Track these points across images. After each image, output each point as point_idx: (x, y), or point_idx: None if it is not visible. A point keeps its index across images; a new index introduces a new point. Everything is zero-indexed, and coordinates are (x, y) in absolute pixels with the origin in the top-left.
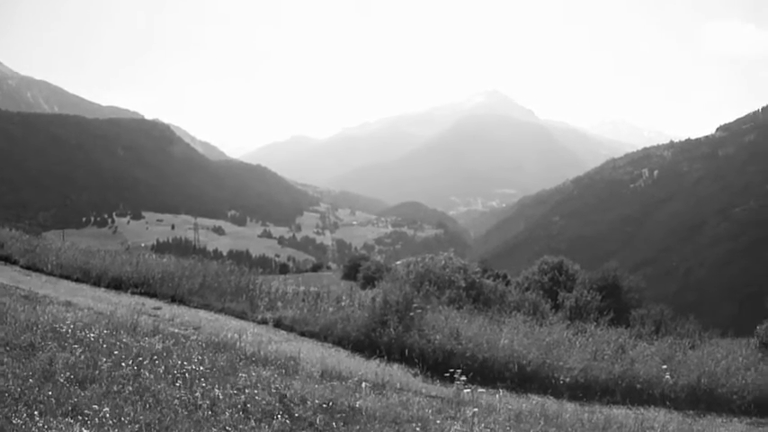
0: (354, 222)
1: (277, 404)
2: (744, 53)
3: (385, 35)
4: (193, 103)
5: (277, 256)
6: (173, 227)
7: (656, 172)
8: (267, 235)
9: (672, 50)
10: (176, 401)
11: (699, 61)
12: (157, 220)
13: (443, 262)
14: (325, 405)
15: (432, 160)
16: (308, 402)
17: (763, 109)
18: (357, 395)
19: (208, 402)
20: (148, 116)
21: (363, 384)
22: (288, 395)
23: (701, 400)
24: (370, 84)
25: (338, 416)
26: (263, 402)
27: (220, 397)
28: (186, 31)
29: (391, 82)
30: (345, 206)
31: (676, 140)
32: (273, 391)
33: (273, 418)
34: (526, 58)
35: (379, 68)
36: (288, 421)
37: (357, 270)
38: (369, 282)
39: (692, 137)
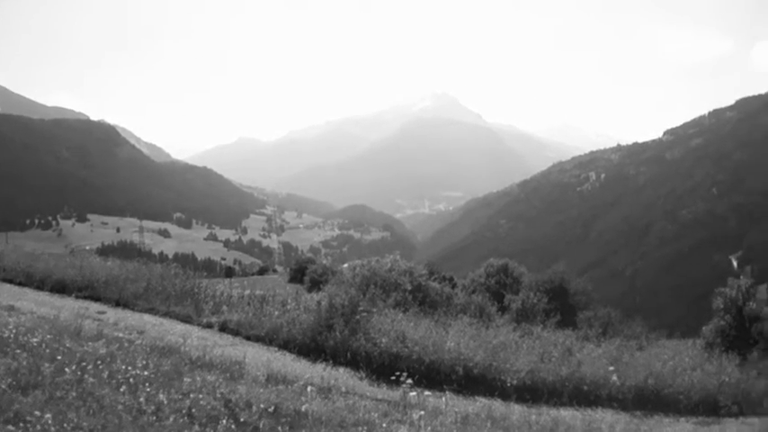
0: (301, 225)
1: (222, 409)
2: (692, 59)
3: (332, 37)
4: (139, 104)
5: (223, 259)
6: (118, 230)
7: (603, 175)
8: (213, 238)
9: (620, 55)
10: (120, 407)
11: (647, 66)
12: (102, 223)
13: (389, 265)
14: (270, 409)
15: (379, 163)
16: (254, 407)
17: (709, 113)
18: (303, 399)
19: (152, 407)
20: (94, 117)
21: (309, 388)
22: (233, 400)
23: (648, 400)
24: (317, 86)
25: (284, 420)
26: (208, 407)
27: (165, 402)
28: (133, 32)
29: (338, 84)
30: (292, 209)
31: (623, 144)
32: (218, 395)
33: (218, 423)
34: (475, 62)
35: (325, 70)
36: (233, 426)
37: (303, 273)
38: (315, 285)
39: (640, 140)
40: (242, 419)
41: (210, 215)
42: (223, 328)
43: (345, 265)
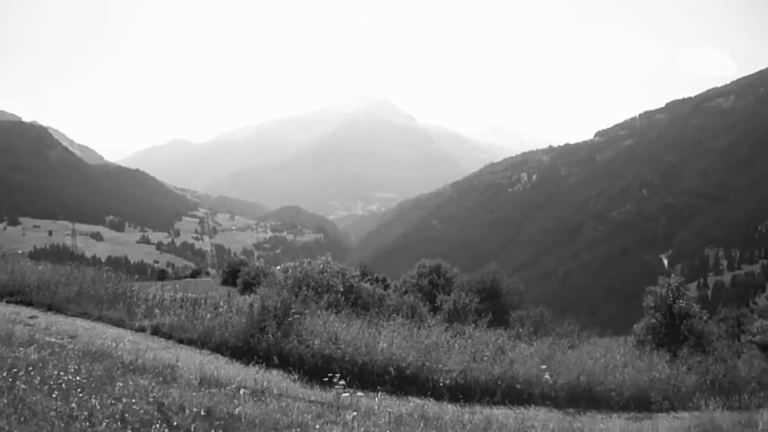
0: (234, 227)
1: (155, 413)
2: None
3: (265, 38)
4: (73, 105)
5: (156, 262)
6: (50, 233)
7: (534, 176)
8: (146, 240)
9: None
10: (53, 413)
11: (579, 69)
12: (34, 226)
13: (321, 266)
14: (203, 413)
15: (312, 165)
16: (187, 410)
17: (640, 115)
18: (236, 402)
19: (85, 413)
20: (26, 119)
21: (242, 391)
22: (166, 403)
23: (580, 397)
24: (251, 86)
25: (217, 423)
26: (141, 411)
27: (97, 407)
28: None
29: (271, 85)
30: (225, 211)
31: (555, 145)
32: (151, 399)
33: (151, 427)
34: (408, 64)
35: (259, 71)
36: (166, 430)
37: (236, 276)
38: (248, 287)
39: (571, 142)
40: (175, 423)
41: (143, 218)
42: (156, 332)
43: (278, 267)
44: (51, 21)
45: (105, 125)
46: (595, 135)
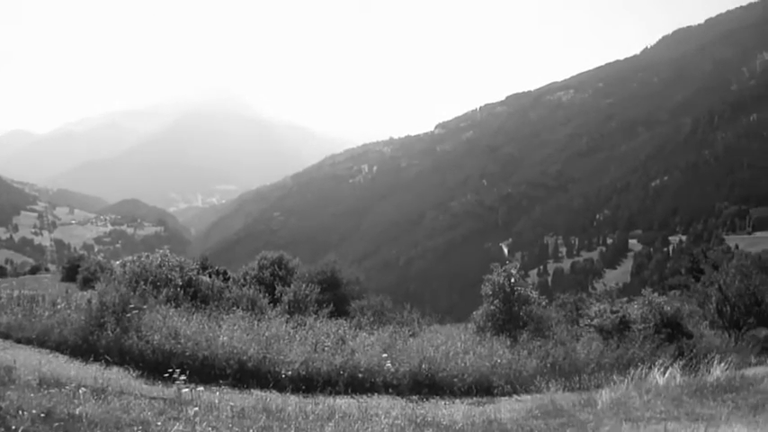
0: (73, 221)
1: None
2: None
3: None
4: None
5: None
6: None
7: (375, 167)
8: None
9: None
10: None
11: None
12: None
13: (159, 260)
14: (43, 414)
15: (152, 156)
16: (25, 413)
17: (480, 108)
18: (76, 402)
19: None
20: None
21: (82, 390)
22: (3, 406)
23: (423, 384)
24: (93, 76)
25: (57, 425)
26: None
27: None
28: None
29: (114, 75)
30: (64, 205)
31: (396, 137)
32: None
33: None
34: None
35: (101, 60)
36: None
37: (76, 271)
38: (87, 283)
39: (412, 134)
40: (13, 426)
41: None
42: None
43: (117, 262)
44: None
45: None
46: (436, 127)
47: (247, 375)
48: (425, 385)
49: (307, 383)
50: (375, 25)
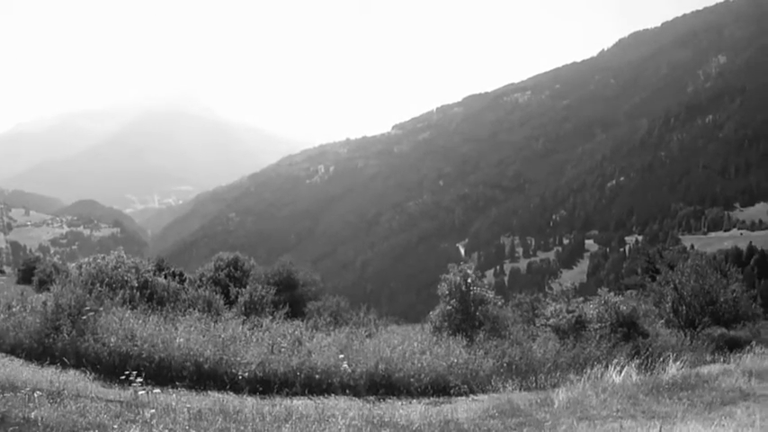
0: (29, 223)
1: None
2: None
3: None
4: None
5: None
6: None
7: (332, 168)
8: None
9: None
10: None
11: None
12: None
13: (115, 262)
14: None
15: (108, 157)
16: None
17: (437, 109)
18: (31, 405)
19: None
20: None
21: (37, 394)
22: None
23: (380, 385)
24: (46, 74)
25: (11, 429)
26: None
27: None
28: None
29: (68, 74)
30: (19, 206)
31: (353, 138)
32: None
33: None
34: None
35: (55, 58)
36: None
37: (32, 273)
38: (43, 285)
39: (369, 135)
40: None
41: None
42: None
43: (73, 264)
44: None
45: None
46: (393, 128)
47: (204, 377)
48: (382, 386)
49: (263, 385)
50: (330, 27)
